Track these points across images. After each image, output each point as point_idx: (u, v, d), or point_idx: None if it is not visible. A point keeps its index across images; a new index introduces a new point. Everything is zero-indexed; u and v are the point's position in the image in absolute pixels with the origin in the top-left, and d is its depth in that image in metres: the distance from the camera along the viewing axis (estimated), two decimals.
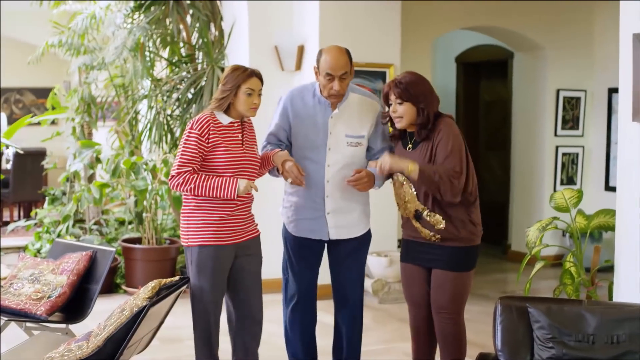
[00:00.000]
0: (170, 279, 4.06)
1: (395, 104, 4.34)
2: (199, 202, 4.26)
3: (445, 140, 4.27)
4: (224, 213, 4.27)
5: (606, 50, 9.07)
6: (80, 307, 4.83)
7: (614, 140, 8.99)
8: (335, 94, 4.45)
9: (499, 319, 3.76)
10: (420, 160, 4.30)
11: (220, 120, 4.27)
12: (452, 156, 4.25)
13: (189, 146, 4.20)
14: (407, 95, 4.29)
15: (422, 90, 4.32)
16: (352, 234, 4.66)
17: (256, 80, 4.28)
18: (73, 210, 8.44)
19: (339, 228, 4.60)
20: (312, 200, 4.57)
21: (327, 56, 4.42)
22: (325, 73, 4.40)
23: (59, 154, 10.78)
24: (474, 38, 10.20)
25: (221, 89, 4.27)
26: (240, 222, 4.35)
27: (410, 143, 4.42)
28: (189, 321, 4.43)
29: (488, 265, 9.21)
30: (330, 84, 4.41)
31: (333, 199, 4.55)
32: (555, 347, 3.58)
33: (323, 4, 7.35)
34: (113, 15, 8.17)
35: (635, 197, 4.25)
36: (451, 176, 4.21)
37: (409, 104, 4.31)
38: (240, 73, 4.25)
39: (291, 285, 4.74)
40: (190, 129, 4.22)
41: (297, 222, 4.63)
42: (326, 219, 4.57)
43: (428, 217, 4.34)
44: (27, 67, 9.19)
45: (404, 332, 6.20)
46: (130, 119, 8.50)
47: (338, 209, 4.57)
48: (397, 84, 4.32)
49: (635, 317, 3.60)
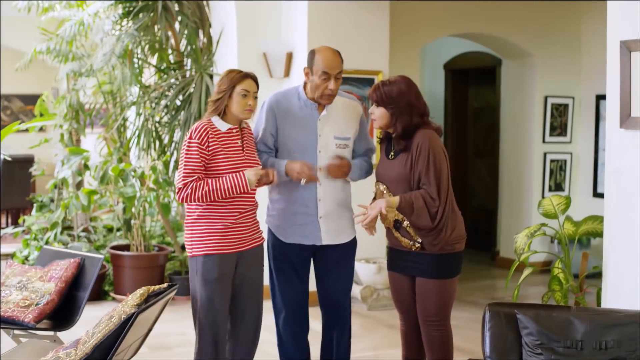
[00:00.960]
0: (159, 286, 4.04)
1: (373, 105, 4.37)
2: (202, 212, 4.25)
3: (424, 159, 4.25)
4: (228, 221, 4.25)
5: (594, 58, 9.12)
6: (68, 315, 4.81)
7: (602, 147, 9.03)
8: (329, 94, 4.46)
9: (488, 325, 3.76)
10: (399, 171, 4.31)
11: (219, 127, 4.26)
12: (431, 179, 4.24)
13: (191, 156, 4.19)
14: (382, 101, 4.30)
15: (399, 100, 4.28)
16: (342, 239, 4.66)
17: (251, 82, 4.29)
18: (61, 217, 8.41)
19: (330, 233, 4.59)
20: (304, 205, 4.55)
21: (322, 55, 4.43)
22: (321, 72, 4.39)
23: (47, 161, 10.74)
24: (463, 45, 10.23)
25: (216, 91, 4.28)
26: (245, 230, 4.34)
27: (392, 151, 4.43)
28: (177, 328, 4.42)
29: (476, 272, 9.22)
30: (326, 83, 4.41)
31: (325, 202, 4.55)
32: (543, 354, 3.59)
33: (311, 10, 7.35)
34: (101, 22, 8.15)
35: (623, 204, 4.26)
36: (427, 204, 4.22)
37: (382, 109, 4.32)
38: (235, 75, 4.27)
39: (281, 297, 4.69)
40: (189, 139, 4.20)
41: (287, 228, 4.60)
42: (319, 223, 4.56)
43: (407, 227, 4.34)
44: (15, 73, 9.16)
45: (392, 338, 6.21)
46: (118, 125, 8.49)
47: (330, 212, 4.57)
48: (378, 87, 4.33)
49: (624, 323, 3.60)
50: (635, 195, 4.16)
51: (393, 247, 4.52)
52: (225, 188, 4.18)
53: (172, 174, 8.04)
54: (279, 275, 4.67)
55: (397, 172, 4.33)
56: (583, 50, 9.38)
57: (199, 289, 4.27)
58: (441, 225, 4.27)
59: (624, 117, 4.20)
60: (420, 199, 4.22)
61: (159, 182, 7.69)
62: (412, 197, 4.23)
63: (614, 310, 3.80)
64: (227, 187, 4.19)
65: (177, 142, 7.93)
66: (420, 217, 4.23)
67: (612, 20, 4.34)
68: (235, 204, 4.28)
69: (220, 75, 4.35)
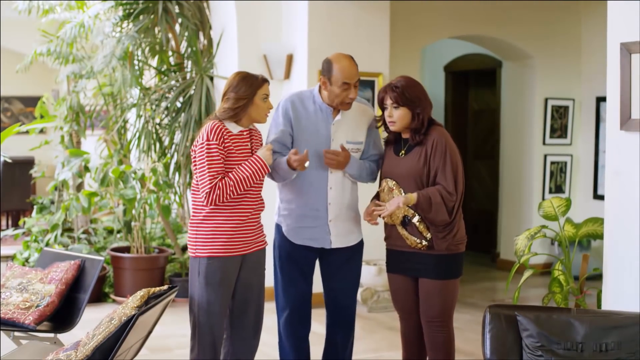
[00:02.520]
0: (159, 288, 4.04)
1: (390, 108, 4.34)
2: (209, 212, 4.22)
3: (441, 155, 4.29)
4: (235, 222, 4.24)
5: (594, 59, 9.12)
6: (68, 316, 4.81)
7: (602, 149, 9.03)
8: (350, 102, 4.48)
9: (488, 327, 3.76)
10: (412, 166, 4.32)
11: (230, 129, 4.25)
12: (447, 174, 4.28)
13: (212, 157, 4.15)
14: (403, 100, 4.30)
15: (417, 94, 4.33)
16: (351, 242, 4.66)
17: (267, 85, 4.30)
18: (61, 219, 8.41)
19: (339, 236, 4.60)
20: (314, 209, 4.55)
21: (340, 65, 4.42)
22: (341, 83, 4.40)
23: (47, 163, 10.73)
24: (463, 47, 10.23)
25: (234, 97, 4.21)
26: (251, 232, 4.33)
27: (404, 149, 4.43)
28: (177, 330, 4.42)
29: (477, 274, 9.22)
30: (346, 92, 4.43)
31: (334, 205, 4.56)
32: (544, 355, 3.59)
33: (312, 12, 7.36)
34: (102, 24, 8.16)
35: (623, 206, 4.26)
36: (445, 199, 4.24)
37: (404, 108, 4.31)
38: (255, 80, 4.25)
39: (284, 297, 4.68)
40: (207, 140, 4.16)
41: (298, 230, 4.59)
42: (329, 227, 4.56)
43: (417, 223, 4.33)
44: (16, 75, 9.16)
45: (393, 340, 6.21)
46: (119, 127, 8.49)
47: (339, 215, 4.58)
48: (393, 88, 4.32)
49: (624, 325, 3.61)
50: (636, 197, 4.16)
51: (393, 249, 4.52)
52: (248, 175, 4.18)
53: (172, 176, 8.05)
54: (284, 275, 4.66)
55: (409, 168, 4.33)
56: (583, 52, 9.38)
57: (200, 290, 4.25)
58: (456, 220, 4.31)
59: (624, 119, 4.21)
60: (437, 195, 4.24)
61: (159, 184, 7.69)
62: (429, 193, 4.25)
63: (614, 312, 3.80)
64: (250, 174, 4.19)
65: (178, 144, 7.93)
66: (438, 213, 4.25)
67: (612, 22, 4.34)
68: (243, 204, 4.27)
69: (229, 79, 4.28)
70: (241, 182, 4.17)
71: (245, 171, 4.19)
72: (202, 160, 4.17)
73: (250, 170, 4.20)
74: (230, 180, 4.16)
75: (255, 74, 4.30)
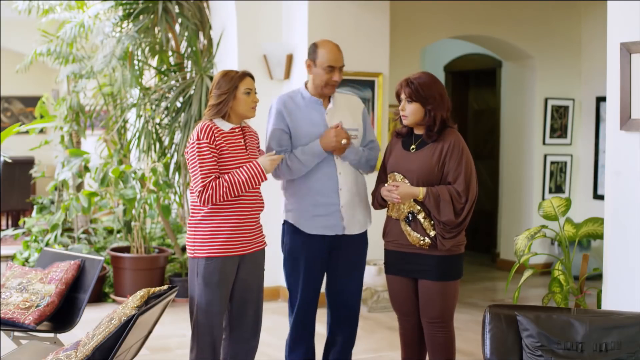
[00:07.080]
0: (159, 288, 4.04)
1: (404, 102, 4.39)
2: (207, 212, 4.22)
3: (457, 158, 4.33)
4: (234, 222, 4.24)
5: (594, 59, 9.13)
6: (68, 316, 4.81)
7: (602, 149, 9.03)
8: (334, 84, 4.59)
9: (488, 327, 3.76)
10: (425, 161, 4.33)
11: (221, 127, 4.25)
12: (460, 176, 4.30)
13: (203, 156, 4.17)
14: (417, 96, 4.33)
15: (432, 93, 4.34)
16: (362, 229, 4.74)
17: (250, 79, 4.32)
18: (61, 219, 8.41)
19: (351, 222, 4.65)
20: (326, 195, 4.59)
21: (326, 50, 4.57)
22: (326, 66, 4.54)
23: (47, 163, 10.75)
24: (463, 47, 10.24)
25: (216, 94, 4.25)
26: (250, 232, 4.32)
27: (414, 144, 4.43)
28: (177, 330, 4.42)
29: (477, 274, 9.23)
30: (331, 74, 4.55)
31: (346, 192, 4.62)
32: (544, 355, 3.59)
33: (312, 12, 7.36)
34: (102, 24, 8.16)
35: (623, 206, 4.26)
36: (454, 199, 4.26)
37: (417, 103, 4.35)
38: (234, 75, 4.28)
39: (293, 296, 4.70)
40: (197, 140, 4.18)
41: (311, 219, 4.61)
42: (341, 213, 4.60)
43: (422, 219, 4.33)
44: (16, 75, 9.17)
45: (392, 340, 6.21)
46: (118, 127, 8.49)
47: (349, 201, 4.64)
48: (409, 83, 4.36)
49: (624, 325, 3.60)
50: (636, 197, 4.16)
51: (392, 250, 4.51)
52: (243, 180, 4.19)
53: (172, 176, 8.05)
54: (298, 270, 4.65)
55: (422, 163, 4.34)
56: (583, 52, 9.39)
57: (199, 291, 4.25)
58: (465, 223, 4.32)
59: (624, 119, 4.21)
60: (446, 193, 4.26)
61: (159, 184, 7.69)
62: (439, 189, 4.28)
63: (614, 312, 3.80)
64: (245, 179, 4.19)
65: (178, 144, 7.93)
66: (444, 211, 4.25)
67: (612, 22, 4.34)
68: (242, 204, 4.27)
69: (214, 78, 4.33)
70: (236, 185, 4.18)
71: (241, 175, 4.19)
72: (194, 160, 4.19)
73: (247, 175, 4.20)
74: (225, 182, 4.16)
75: (236, 70, 4.34)
